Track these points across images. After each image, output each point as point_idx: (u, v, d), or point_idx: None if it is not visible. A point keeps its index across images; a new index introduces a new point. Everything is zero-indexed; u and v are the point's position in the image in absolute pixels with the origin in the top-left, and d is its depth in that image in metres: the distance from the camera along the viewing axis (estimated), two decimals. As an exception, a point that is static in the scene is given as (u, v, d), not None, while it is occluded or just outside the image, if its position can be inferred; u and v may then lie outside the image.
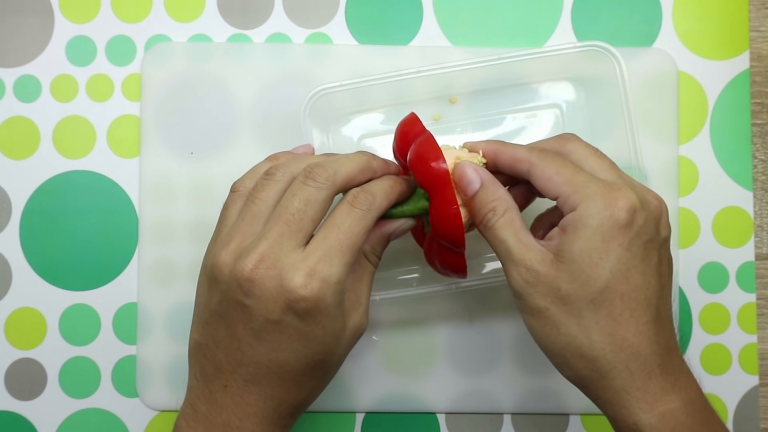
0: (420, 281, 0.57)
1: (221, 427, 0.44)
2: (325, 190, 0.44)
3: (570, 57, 0.55)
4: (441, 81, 0.57)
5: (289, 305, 0.42)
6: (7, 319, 0.60)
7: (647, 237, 0.44)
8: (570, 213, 0.44)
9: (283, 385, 0.44)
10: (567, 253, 0.43)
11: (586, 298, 0.43)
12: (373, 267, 0.48)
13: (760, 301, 0.60)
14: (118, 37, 0.60)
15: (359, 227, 0.44)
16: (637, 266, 0.43)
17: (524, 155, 0.47)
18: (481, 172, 0.47)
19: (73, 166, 0.60)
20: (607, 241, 0.43)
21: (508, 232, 0.45)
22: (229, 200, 0.48)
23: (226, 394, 0.44)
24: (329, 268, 0.43)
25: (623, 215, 0.43)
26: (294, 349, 0.43)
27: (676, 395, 0.43)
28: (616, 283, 0.43)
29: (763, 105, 0.61)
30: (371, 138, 0.58)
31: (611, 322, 0.43)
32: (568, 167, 0.45)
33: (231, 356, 0.44)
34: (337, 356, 0.45)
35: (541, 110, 0.59)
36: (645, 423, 0.43)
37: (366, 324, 0.47)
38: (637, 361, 0.43)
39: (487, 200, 0.46)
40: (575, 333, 0.43)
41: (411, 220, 0.49)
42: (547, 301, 0.44)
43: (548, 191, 0.45)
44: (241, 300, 0.43)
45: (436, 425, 0.60)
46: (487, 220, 0.46)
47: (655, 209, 0.45)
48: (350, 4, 0.61)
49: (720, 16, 0.61)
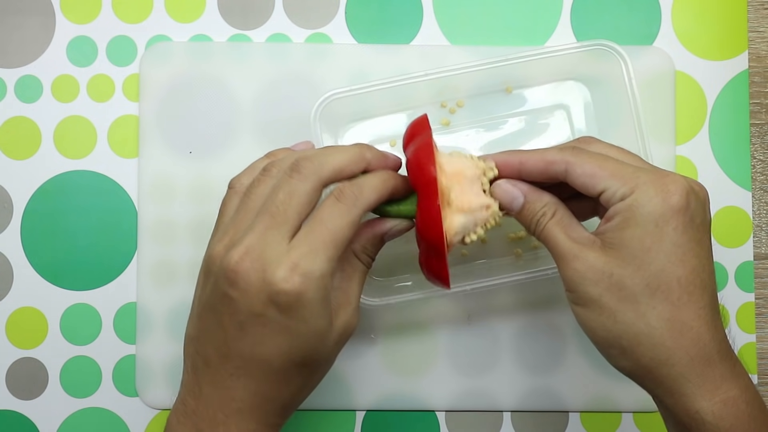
0: (421, 285, 0.56)
1: (208, 422, 0.44)
2: (309, 182, 0.44)
3: (575, 57, 0.55)
4: (448, 83, 0.57)
5: (271, 298, 0.42)
6: (8, 319, 0.60)
7: (699, 220, 0.43)
8: (619, 203, 0.43)
9: (267, 380, 0.44)
10: (617, 239, 0.43)
11: (641, 282, 0.42)
12: (365, 266, 0.48)
13: (758, 301, 0.61)
14: (118, 37, 0.60)
15: (344, 221, 0.44)
16: (693, 249, 0.43)
17: (557, 156, 0.46)
18: (519, 186, 0.47)
19: (74, 166, 0.60)
20: (661, 226, 0.42)
21: (558, 230, 0.45)
22: (227, 197, 0.48)
23: (213, 389, 0.44)
24: (312, 262, 0.42)
25: (677, 199, 0.42)
26: (276, 343, 0.43)
27: (734, 383, 0.42)
28: (672, 266, 0.42)
29: (761, 105, 0.61)
30: (379, 144, 0.58)
31: (669, 306, 0.42)
32: (608, 160, 0.45)
33: (219, 349, 0.44)
34: (323, 355, 0.45)
35: (548, 111, 0.59)
36: (707, 411, 0.42)
37: (355, 324, 0.47)
38: (697, 347, 0.42)
39: (536, 209, 0.46)
40: (632, 320, 0.43)
41: (406, 221, 0.48)
42: (601, 288, 0.43)
43: (591, 187, 0.45)
44: (227, 291, 0.43)
45: (435, 423, 0.60)
46: (539, 224, 0.46)
47: (701, 193, 0.45)
48: (350, 4, 0.61)
49: (719, 16, 0.61)
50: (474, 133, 0.59)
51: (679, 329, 0.42)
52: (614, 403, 0.60)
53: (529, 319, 0.60)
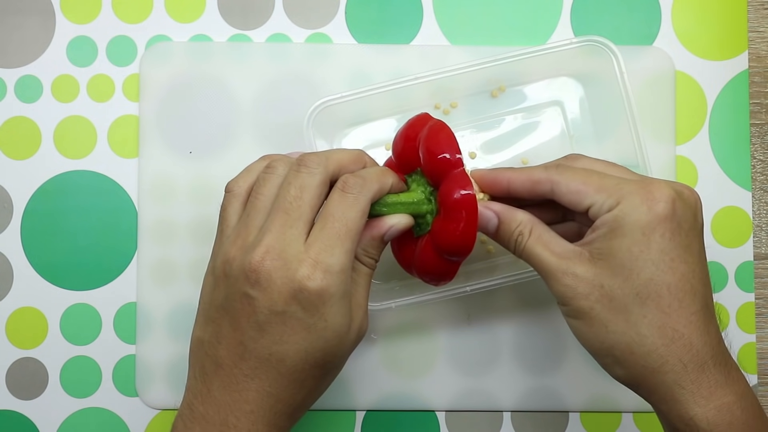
0: (421, 288, 0.56)
1: (218, 426, 0.44)
2: (318, 175, 0.45)
3: (569, 54, 0.55)
4: (441, 85, 0.57)
5: (294, 295, 0.42)
6: (8, 319, 0.60)
7: (687, 226, 0.43)
8: (605, 214, 0.44)
9: (281, 381, 0.44)
10: (605, 250, 0.43)
11: (631, 292, 0.42)
12: (368, 269, 0.48)
13: (758, 301, 0.61)
14: (118, 37, 0.60)
15: (353, 212, 0.44)
16: (681, 255, 0.43)
17: (542, 175, 0.46)
18: (492, 206, 0.47)
19: (74, 166, 0.60)
20: (648, 234, 0.42)
21: (539, 248, 0.45)
22: (226, 201, 0.48)
23: (224, 392, 0.44)
24: (330, 257, 0.43)
25: (662, 207, 0.43)
26: (295, 341, 0.43)
27: (729, 389, 0.42)
28: (661, 274, 0.42)
29: (761, 105, 0.61)
30: (375, 148, 0.58)
31: (660, 314, 0.42)
32: (593, 175, 0.45)
33: (232, 351, 0.44)
34: (337, 357, 0.45)
35: (542, 108, 0.59)
36: (701, 418, 0.42)
37: (367, 325, 0.47)
38: (690, 353, 0.42)
39: (510, 229, 0.47)
40: (624, 330, 0.43)
41: (405, 219, 0.48)
42: (591, 300, 0.43)
43: (578, 204, 0.45)
44: (248, 291, 0.43)
45: (435, 423, 0.60)
46: (518, 244, 0.46)
47: (690, 198, 0.45)
48: (350, 4, 0.61)
49: (719, 16, 0.61)
50: (469, 134, 0.59)
51: (670, 336, 0.42)
52: (614, 403, 0.60)
53: (529, 319, 0.60)
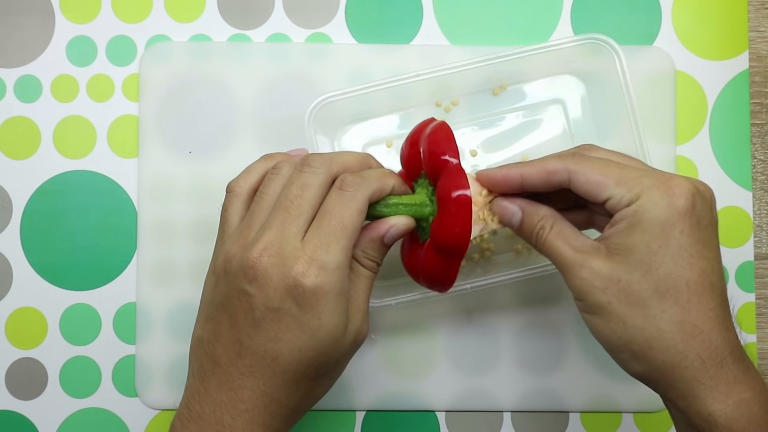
0: (420, 286, 0.56)
1: (214, 425, 0.44)
2: (320, 175, 0.45)
3: (570, 52, 0.55)
4: (443, 82, 0.57)
5: (289, 292, 0.43)
6: (7, 319, 0.60)
7: (706, 221, 0.43)
8: (624, 208, 0.43)
9: (275, 380, 0.44)
10: (623, 245, 0.43)
11: (649, 287, 0.42)
12: (369, 271, 0.48)
13: (759, 301, 0.61)
14: (118, 37, 0.60)
15: (349, 209, 0.44)
16: (700, 251, 0.42)
17: (558, 165, 0.46)
18: (517, 201, 0.48)
19: (74, 166, 0.60)
20: (667, 230, 0.42)
21: (559, 242, 0.45)
22: (227, 201, 0.48)
23: (220, 390, 0.44)
24: (326, 254, 0.43)
25: (682, 202, 0.42)
26: (289, 339, 0.43)
27: (747, 384, 0.42)
28: (680, 269, 0.42)
29: (762, 105, 0.61)
30: (375, 146, 0.59)
31: (679, 309, 0.42)
32: (611, 166, 0.45)
33: (230, 348, 0.44)
34: (332, 359, 0.45)
35: (544, 107, 0.59)
36: (720, 414, 0.41)
37: (366, 330, 0.47)
38: (709, 349, 0.42)
39: (533, 223, 0.47)
40: (642, 325, 0.42)
41: (405, 221, 0.47)
42: (609, 295, 0.43)
43: (596, 195, 0.44)
44: (245, 287, 0.43)
45: (435, 423, 0.60)
46: (539, 237, 0.46)
47: (707, 193, 0.44)
48: (350, 4, 0.61)
49: (719, 16, 0.61)
50: (470, 131, 0.59)
51: (690, 332, 0.42)
52: (614, 403, 0.60)
53: (529, 318, 0.60)
